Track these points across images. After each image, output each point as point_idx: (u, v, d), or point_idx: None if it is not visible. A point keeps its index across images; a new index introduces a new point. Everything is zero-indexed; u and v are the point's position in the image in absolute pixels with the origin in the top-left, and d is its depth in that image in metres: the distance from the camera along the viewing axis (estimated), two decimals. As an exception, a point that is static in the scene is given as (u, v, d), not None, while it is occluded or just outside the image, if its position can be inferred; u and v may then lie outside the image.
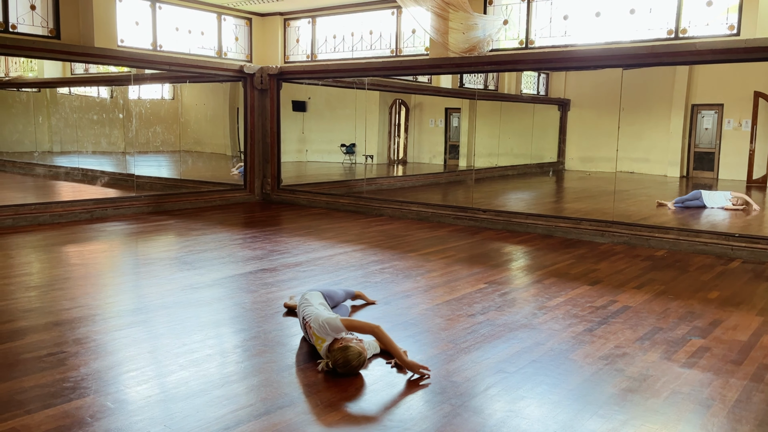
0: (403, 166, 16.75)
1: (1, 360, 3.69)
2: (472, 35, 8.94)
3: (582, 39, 8.71)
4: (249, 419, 3.04)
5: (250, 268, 6.22)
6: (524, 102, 15.93)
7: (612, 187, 9.83)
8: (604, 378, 3.64)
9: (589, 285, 5.79)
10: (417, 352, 4.03)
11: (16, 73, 12.89)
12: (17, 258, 6.63)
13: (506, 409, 3.22)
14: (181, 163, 13.23)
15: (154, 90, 14.14)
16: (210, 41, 10.95)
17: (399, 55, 10.42)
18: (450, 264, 6.57)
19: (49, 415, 3.02)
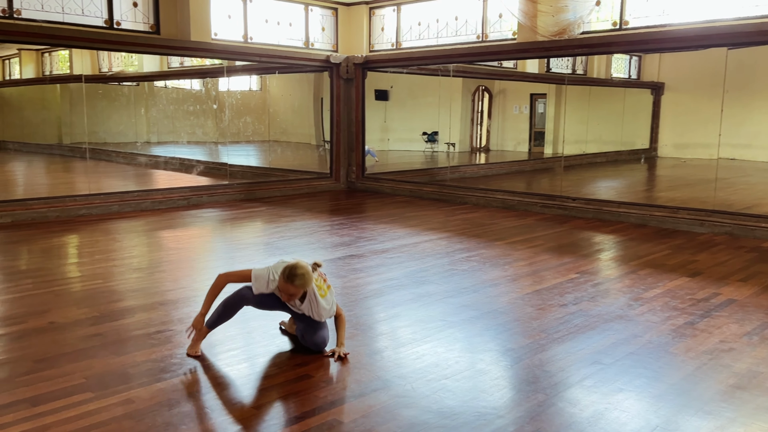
0: (486, 153, 16.52)
1: (115, 336, 3.96)
2: (562, 18, 8.65)
3: (681, 18, 8.24)
4: (344, 400, 3.11)
5: (339, 254, 6.34)
6: (615, 86, 15.30)
7: (711, 174, 9.30)
8: (709, 373, 3.47)
9: (688, 276, 5.52)
10: (507, 340, 4.00)
11: (118, 68, 13.67)
12: (123, 242, 7.06)
13: (603, 401, 3.13)
14: (270, 152, 13.63)
15: (243, 81, 14.63)
16: (298, 32, 11.17)
17: (485, 41, 10.25)
18: (538, 253, 6.44)
19: (160, 388, 3.21)
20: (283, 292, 3.49)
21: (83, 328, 4.10)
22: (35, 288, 5.02)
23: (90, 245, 6.86)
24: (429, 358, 3.64)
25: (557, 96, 14.84)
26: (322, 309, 3.60)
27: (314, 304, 3.58)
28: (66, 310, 4.45)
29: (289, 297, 3.50)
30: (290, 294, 3.47)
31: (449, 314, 4.45)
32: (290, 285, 3.43)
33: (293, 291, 3.45)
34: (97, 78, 13.24)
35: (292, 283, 3.42)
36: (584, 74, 14.68)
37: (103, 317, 4.31)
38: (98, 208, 8.54)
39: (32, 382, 3.25)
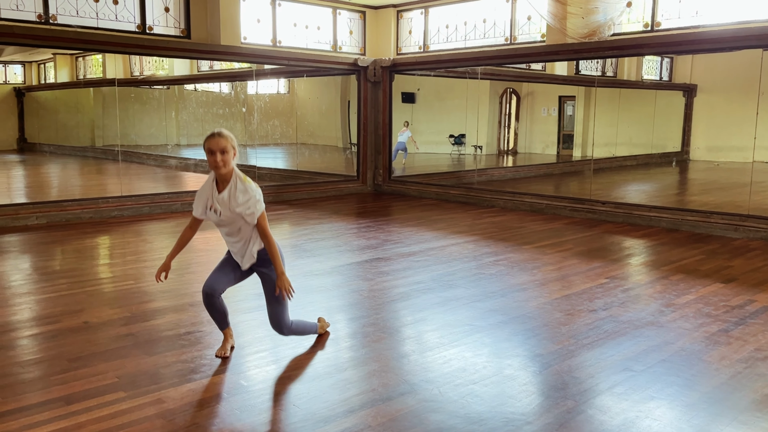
0: (514, 156, 16.40)
1: (146, 336, 4.03)
2: (592, 19, 8.56)
3: (715, 19, 8.08)
4: (372, 403, 3.12)
5: (366, 256, 6.35)
6: (646, 88, 15.07)
7: (745, 178, 9.09)
8: (744, 382, 3.40)
9: (722, 283, 5.41)
10: (536, 346, 3.96)
11: (149, 72, 13.92)
12: (154, 243, 7.18)
13: (634, 409, 3.09)
14: (297, 154, 13.73)
15: (271, 85, 14.77)
16: (326, 36, 11.24)
17: (513, 43, 10.19)
18: (567, 257, 6.37)
19: (190, 388, 3.25)
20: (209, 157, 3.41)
21: (115, 328, 4.18)
22: (69, 288, 5.13)
23: (122, 246, 6.99)
24: (456, 363, 3.63)
25: (586, 98, 14.67)
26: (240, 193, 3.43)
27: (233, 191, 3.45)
28: (99, 310, 4.54)
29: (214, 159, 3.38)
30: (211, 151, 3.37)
31: (476, 318, 4.43)
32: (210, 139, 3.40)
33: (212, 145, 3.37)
34: (129, 82, 13.51)
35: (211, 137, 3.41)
36: (614, 76, 14.48)
37: (134, 317, 4.38)
38: (130, 210, 8.69)
39: (66, 380, 3.32)
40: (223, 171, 3.43)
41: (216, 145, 3.40)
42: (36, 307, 4.65)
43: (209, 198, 3.52)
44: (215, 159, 3.41)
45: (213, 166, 3.44)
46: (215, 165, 3.42)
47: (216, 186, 3.52)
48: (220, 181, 3.50)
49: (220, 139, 3.42)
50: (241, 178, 3.50)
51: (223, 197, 3.47)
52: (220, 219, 3.51)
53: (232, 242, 3.63)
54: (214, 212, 3.51)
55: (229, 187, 3.47)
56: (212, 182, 3.53)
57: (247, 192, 3.46)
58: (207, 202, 3.53)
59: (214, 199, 3.50)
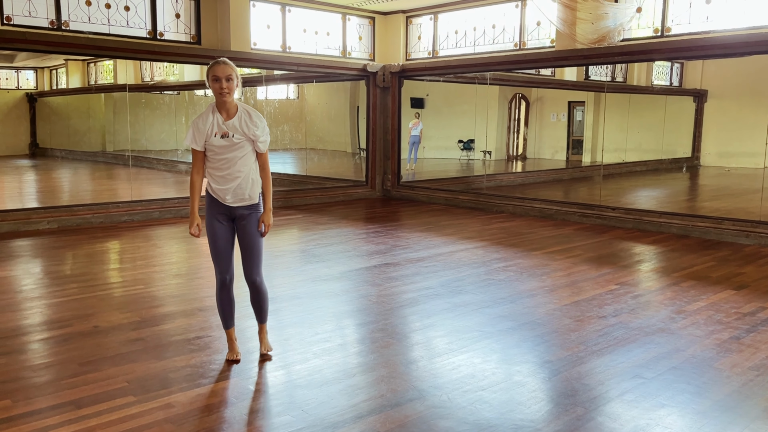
0: (523, 162, 16.36)
1: (156, 341, 4.04)
2: (601, 25, 8.54)
3: (726, 24, 8.04)
4: (381, 409, 3.11)
5: (375, 262, 6.35)
6: (656, 94, 15.01)
7: (757, 184, 9.02)
8: (756, 390, 3.37)
9: (733, 290, 5.37)
10: (545, 352, 3.94)
11: (160, 78, 14.01)
12: (164, 248, 7.21)
13: (644, 416, 3.06)
14: (307, 160, 13.76)
15: (280, 90, 14.83)
16: (335, 41, 11.28)
17: (523, 49, 10.19)
18: (576, 263, 6.34)
19: (200, 393, 3.26)
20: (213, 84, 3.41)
21: (125, 332, 4.20)
22: (80, 292, 5.17)
23: (132, 251, 7.03)
24: (465, 369, 3.62)
25: (596, 104, 14.62)
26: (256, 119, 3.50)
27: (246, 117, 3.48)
28: (109, 315, 4.57)
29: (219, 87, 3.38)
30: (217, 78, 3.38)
31: (485, 325, 4.41)
32: (215, 66, 3.40)
33: (219, 72, 3.39)
34: (140, 87, 13.60)
35: (216, 64, 3.41)
36: (624, 82, 14.44)
37: (144, 322, 4.40)
38: (140, 215, 8.74)
39: (77, 384, 3.34)
40: (228, 98, 3.45)
41: (222, 72, 3.40)
42: (47, 312, 4.68)
43: (214, 125, 3.48)
44: (221, 85, 3.41)
45: (218, 93, 3.43)
46: (220, 91, 3.42)
47: (219, 115, 3.49)
48: (224, 110, 3.49)
49: (225, 66, 3.43)
50: (252, 110, 3.55)
51: (234, 123, 3.48)
52: (228, 145, 3.47)
53: (229, 178, 3.53)
54: (224, 137, 3.48)
55: (239, 115, 3.49)
56: (212, 112, 3.49)
57: (261, 119, 3.54)
58: (211, 129, 3.48)
59: (224, 125, 3.48)
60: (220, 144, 3.49)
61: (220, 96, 3.43)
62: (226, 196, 3.56)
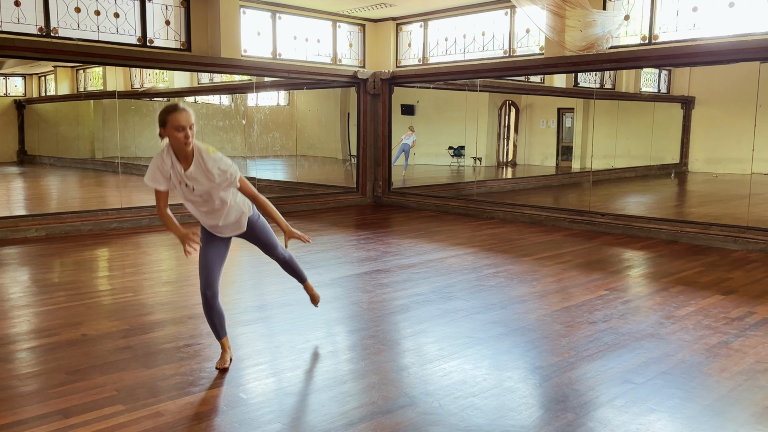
0: (513, 168, 16.44)
1: (145, 349, 4.01)
2: (590, 32, 8.61)
3: (712, 32, 8.14)
4: (372, 416, 3.10)
5: (365, 268, 6.35)
6: (644, 100, 15.14)
7: (744, 189, 9.11)
8: (745, 395, 3.39)
9: (722, 295, 5.41)
10: (536, 358, 3.95)
11: (149, 84, 13.97)
12: (153, 255, 7.17)
13: (634, 421, 3.07)
14: (297, 166, 13.74)
15: (271, 97, 14.83)
16: (325, 48, 11.31)
17: (512, 56, 10.25)
18: (566, 269, 6.37)
19: (189, 401, 3.24)
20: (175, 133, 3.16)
21: (114, 340, 4.17)
22: (68, 300, 5.12)
23: (121, 258, 6.99)
24: (456, 375, 3.62)
25: (585, 110, 14.73)
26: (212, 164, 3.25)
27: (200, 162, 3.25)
28: (97, 323, 4.53)
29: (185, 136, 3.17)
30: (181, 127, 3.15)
31: (476, 331, 4.42)
32: (178, 115, 3.16)
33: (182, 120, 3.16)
34: (129, 94, 13.55)
35: (178, 112, 3.16)
36: (613, 88, 14.56)
37: (133, 330, 4.37)
38: (129, 222, 8.70)
39: (64, 393, 3.31)
40: (190, 147, 3.23)
41: (187, 120, 3.18)
42: (34, 320, 4.64)
43: (174, 175, 3.28)
44: (185, 135, 3.17)
45: (182, 144, 3.19)
46: (186, 141, 3.18)
47: (177, 162, 3.28)
48: (183, 158, 3.27)
49: (188, 113, 3.21)
50: (204, 150, 3.29)
51: (193, 174, 3.27)
52: (194, 195, 3.34)
53: (212, 216, 3.45)
54: (189, 189, 3.31)
55: (196, 162, 3.26)
56: (168, 157, 3.27)
57: (217, 161, 3.29)
58: (174, 177, 3.29)
59: (185, 177, 3.28)
60: (187, 194, 3.36)
61: (185, 146, 3.21)
62: (223, 231, 3.56)
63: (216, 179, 3.30)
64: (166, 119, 3.20)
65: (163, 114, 3.22)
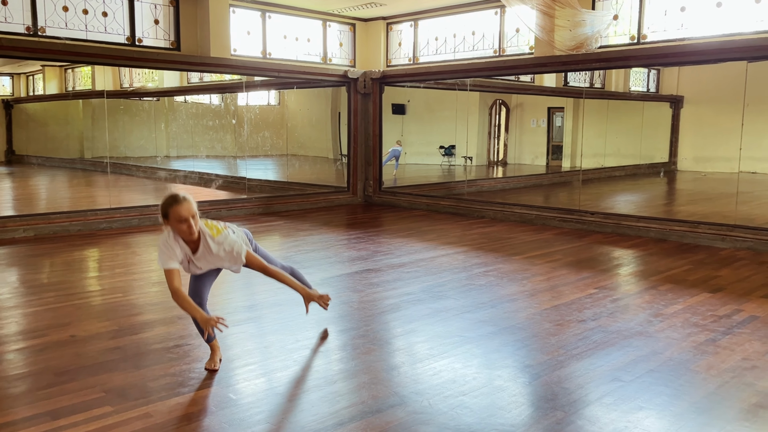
0: (504, 167, 16.49)
1: (134, 349, 4.00)
2: (579, 32, 8.65)
3: (700, 32, 8.20)
4: (362, 416, 3.11)
5: (356, 268, 6.35)
6: (633, 99, 15.23)
7: (732, 188, 9.18)
8: (732, 392, 3.42)
9: (709, 292, 5.45)
10: (525, 357, 3.97)
11: (139, 84, 13.90)
12: (143, 255, 7.14)
13: (623, 419, 3.09)
14: (288, 166, 13.72)
15: (261, 96, 14.79)
16: (316, 48, 11.29)
17: (502, 55, 10.28)
18: (556, 268, 6.39)
19: (179, 402, 3.23)
20: (179, 225, 3.18)
21: (103, 341, 4.15)
22: (57, 301, 5.09)
23: (110, 259, 6.95)
24: (446, 374, 3.63)
25: (575, 109, 14.80)
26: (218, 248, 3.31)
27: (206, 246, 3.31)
28: (87, 324, 4.51)
29: (188, 227, 3.18)
30: (184, 219, 3.16)
31: (466, 330, 4.43)
32: (178, 207, 3.15)
33: (184, 212, 3.16)
34: (118, 93, 13.48)
35: (178, 204, 3.15)
36: (602, 88, 14.63)
37: (122, 331, 4.35)
38: (119, 222, 8.65)
39: (53, 395, 3.29)
40: (194, 237, 3.29)
41: (188, 211, 3.18)
42: (22, 321, 4.61)
43: (183, 257, 3.36)
44: (188, 225, 3.19)
45: (186, 235, 3.24)
46: (189, 233, 3.23)
47: (185, 245, 3.34)
48: (188, 242, 3.35)
49: (188, 203, 3.20)
50: (209, 235, 3.33)
51: (200, 256, 3.36)
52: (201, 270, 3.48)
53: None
54: (197, 267, 3.42)
55: (204, 246, 3.34)
56: (176, 243, 3.31)
57: (222, 243, 3.34)
58: (184, 261, 3.36)
59: (193, 259, 3.38)
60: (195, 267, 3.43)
61: (189, 236, 3.25)
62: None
63: (224, 261, 3.41)
64: (167, 212, 3.22)
65: (164, 207, 3.23)
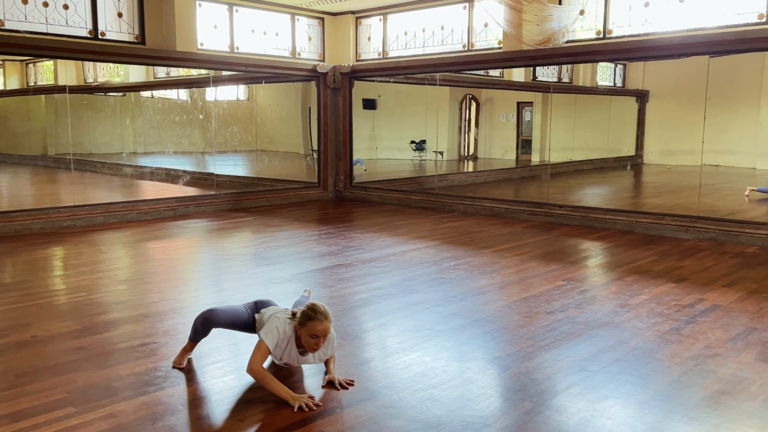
0: (474, 162, 16.58)
1: (98, 349, 3.92)
2: (546, 27, 8.73)
3: (664, 27, 8.33)
4: (331, 411, 3.09)
5: (326, 263, 6.32)
6: (600, 94, 15.44)
7: (695, 180, 9.38)
8: (694, 379, 3.49)
9: (674, 282, 5.56)
10: (495, 349, 4.00)
11: (103, 79, 13.60)
12: (108, 253, 7.00)
13: (590, 408, 3.14)
14: (257, 161, 13.59)
15: (230, 91, 14.60)
16: (284, 42, 11.18)
17: (471, 50, 10.32)
18: (525, 261, 6.45)
19: (144, 402, 3.17)
20: (309, 337, 3.22)
21: (66, 341, 4.05)
22: (18, 301, 4.96)
23: (74, 257, 6.80)
24: (416, 368, 3.63)
25: (543, 104, 14.95)
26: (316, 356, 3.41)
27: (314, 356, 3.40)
28: (49, 324, 4.40)
29: (316, 344, 3.24)
30: (316, 336, 3.22)
31: (437, 323, 4.44)
32: (318, 324, 3.20)
33: (319, 331, 3.21)
34: (82, 89, 13.17)
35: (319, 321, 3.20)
36: (570, 82, 14.79)
37: (86, 330, 4.26)
38: (83, 220, 8.47)
39: (13, 397, 3.20)
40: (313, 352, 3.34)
41: (323, 331, 3.23)
42: (-18, 322, 4.48)
43: (285, 355, 3.38)
44: (317, 343, 3.25)
45: (309, 347, 3.28)
46: (312, 348, 3.28)
47: (295, 346, 3.36)
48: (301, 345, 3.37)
49: (327, 325, 3.25)
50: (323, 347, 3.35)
51: (304, 359, 3.41)
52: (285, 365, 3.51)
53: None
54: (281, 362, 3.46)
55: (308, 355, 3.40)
56: (289, 340, 3.35)
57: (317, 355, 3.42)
58: (282, 354, 3.38)
59: (294, 358, 3.40)
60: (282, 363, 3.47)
61: (312, 350, 3.29)
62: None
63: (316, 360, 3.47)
64: (305, 323, 3.24)
65: (304, 317, 3.24)
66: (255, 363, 3.25)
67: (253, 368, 3.24)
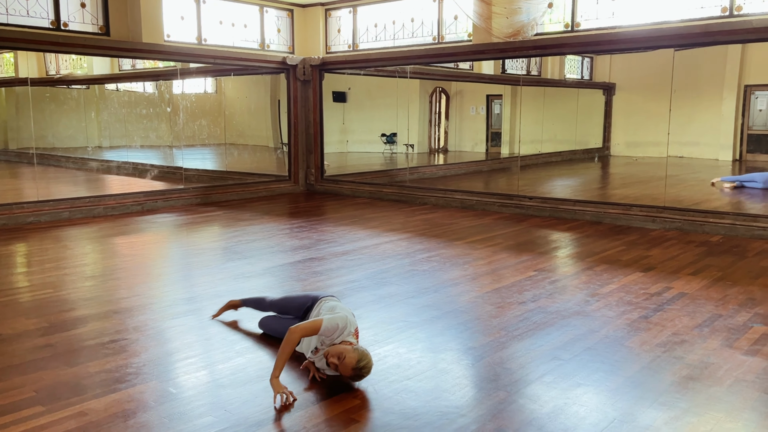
0: (445, 154, 16.65)
1: (66, 346, 3.83)
2: (515, 19, 8.78)
3: (630, 20, 8.46)
4: (306, 405, 3.08)
5: (299, 257, 6.28)
6: (568, 87, 15.63)
7: (661, 172, 9.57)
8: (663, 366, 3.56)
9: (642, 272, 5.66)
10: (468, 339, 4.02)
11: (66, 71, 13.27)
12: (74, 249, 6.85)
13: (562, 396, 3.18)
14: (226, 155, 13.43)
15: (198, 84, 14.38)
16: (253, 34, 11.05)
17: (441, 42, 10.33)
18: (497, 252, 6.51)
19: (115, 399, 3.11)
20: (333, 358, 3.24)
21: (33, 339, 3.95)
22: (-19, 299, 4.82)
23: (39, 253, 6.63)
24: (391, 360, 3.64)
25: (513, 97, 15.07)
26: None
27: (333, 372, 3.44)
28: (14, 321, 4.29)
29: (334, 367, 3.26)
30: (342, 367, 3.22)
31: (410, 315, 4.45)
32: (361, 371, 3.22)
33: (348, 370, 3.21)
34: (44, 81, 12.83)
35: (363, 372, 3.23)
36: (538, 75, 14.94)
37: (53, 327, 4.16)
38: (48, 215, 8.26)
39: (-22, 397, 3.12)
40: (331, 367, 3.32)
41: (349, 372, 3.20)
42: (-57, 321, 4.34)
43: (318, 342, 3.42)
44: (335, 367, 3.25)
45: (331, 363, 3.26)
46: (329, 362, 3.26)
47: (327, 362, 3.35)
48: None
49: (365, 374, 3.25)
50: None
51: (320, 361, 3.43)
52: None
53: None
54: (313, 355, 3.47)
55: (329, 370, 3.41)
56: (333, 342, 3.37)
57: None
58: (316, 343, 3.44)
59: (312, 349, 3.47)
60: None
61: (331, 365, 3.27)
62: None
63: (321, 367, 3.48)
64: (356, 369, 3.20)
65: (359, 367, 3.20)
66: (300, 330, 3.31)
67: (295, 331, 3.29)
